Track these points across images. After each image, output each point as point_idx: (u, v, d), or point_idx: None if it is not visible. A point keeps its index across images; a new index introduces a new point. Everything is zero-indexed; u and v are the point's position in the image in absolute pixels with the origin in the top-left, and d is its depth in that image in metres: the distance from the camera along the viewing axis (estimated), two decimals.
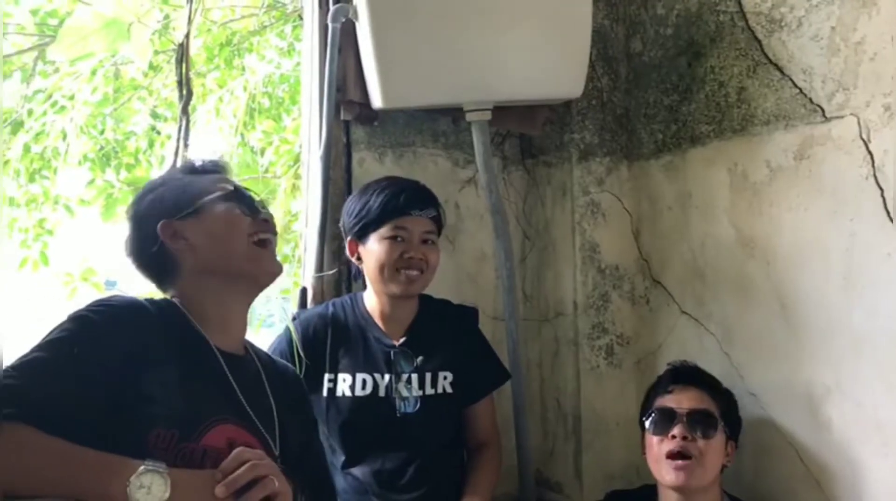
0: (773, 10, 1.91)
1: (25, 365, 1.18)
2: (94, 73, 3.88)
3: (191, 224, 1.36)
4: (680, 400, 1.85)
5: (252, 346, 1.51)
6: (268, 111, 5.22)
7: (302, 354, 1.84)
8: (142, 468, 1.11)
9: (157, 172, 5.56)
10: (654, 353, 2.26)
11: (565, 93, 2.12)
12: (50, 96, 4.09)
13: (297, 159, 3.86)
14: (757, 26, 1.96)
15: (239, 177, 4.99)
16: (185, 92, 2.06)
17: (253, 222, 1.39)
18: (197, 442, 1.24)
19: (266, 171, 4.80)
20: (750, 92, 1.98)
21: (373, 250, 1.87)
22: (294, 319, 1.93)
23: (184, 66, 2.04)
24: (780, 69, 1.90)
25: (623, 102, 2.36)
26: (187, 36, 2.02)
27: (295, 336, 1.87)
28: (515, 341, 2.16)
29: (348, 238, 1.93)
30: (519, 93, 2.08)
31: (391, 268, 1.84)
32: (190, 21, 2.04)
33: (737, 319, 2.02)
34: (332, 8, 2.06)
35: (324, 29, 2.11)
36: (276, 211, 3.97)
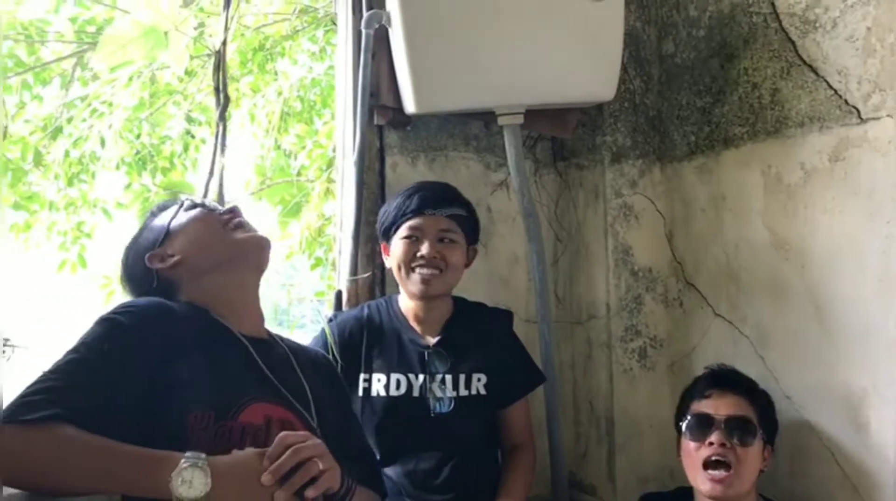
0: (807, 11, 1.90)
1: (63, 367, 1.23)
2: (131, 79, 3.95)
3: (170, 243, 1.45)
4: (718, 406, 1.82)
5: (275, 334, 1.56)
6: (300, 115, 5.28)
7: (338, 355, 1.87)
8: (182, 462, 1.13)
9: (191, 176, 5.64)
10: (688, 355, 2.26)
11: (597, 96, 2.12)
12: (89, 105, 4.17)
13: (330, 163, 3.90)
14: (791, 27, 1.95)
15: (272, 180, 5.04)
16: (221, 98, 2.09)
17: (220, 215, 1.48)
18: (234, 420, 1.28)
19: (299, 174, 4.85)
20: (784, 93, 1.97)
21: (393, 251, 1.93)
22: (330, 321, 1.96)
23: (220, 73, 2.07)
24: (814, 70, 1.89)
25: (655, 104, 2.36)
26: (224, 43, 2.05)
27: (330, 338, 1.89)
28: (548, 343, 2.16)
29: (382, 243, 1.98)
30: (551, 96, 2.09)
31: (406, 267, 1.89)
32: (226, 28, 2.08)
33: (771, 321, 2.01)
34: (365, 14, 2.08)
35: (357, 35, 2.13)
36: (310, 214, 4.03)
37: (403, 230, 1.90)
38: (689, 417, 1.86)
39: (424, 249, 1.87)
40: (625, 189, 2.31)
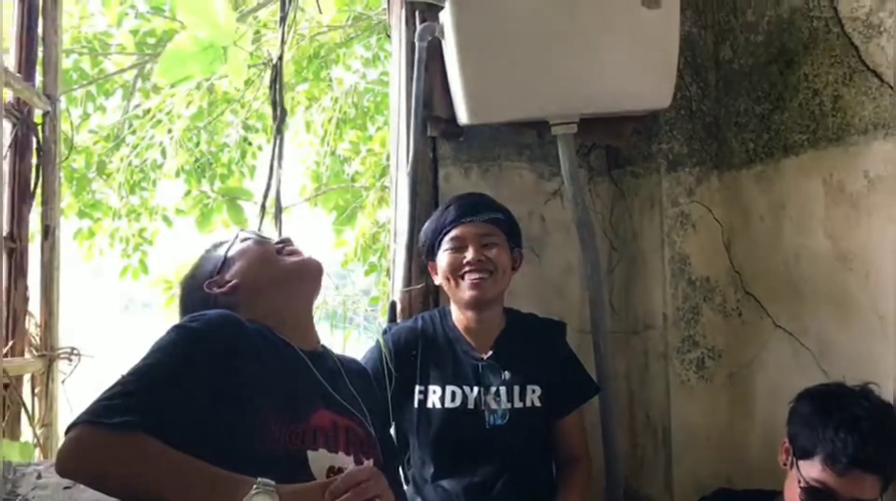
0: (870, 16, 1.85)
1: (141, 372, 1.26)
2: (190, 94, 4.05)
3: (228, 270, 1.50)
4: (848, 488, 1.60)
5: (327, 348, 1.60)
6: (353, 121, 5.33)
7: (392, 367, 1.88)
8: (254, 487, 1.15)
9: (248, 182, 5.74)
10: (747, 367, 2.22)
11: (653, 104, 2.10)
12: (153, 117, 4.28)
13: (384, 171, 3.93)
14: (854, 32, 1.90)
15: (327, 186, 5.10)
16: (278, 112, 2.12)
17: (275, 243, 1.54)
18: (307, 423, 1.32)
19: (353, 180, 4.91)
20: (846, 100, 1.92)
21: (440, 265, 1.95)
22: (385, 333, 1.97)
23: (277, 86, 2.10)
24: (878, 76, 1.83)
25: (712, 111, 2.32)
26: (280, 58, 2.08)
27: (385, 350, 1.91)
28: (603, 355, 2.14)
29: (428, 262, 2.01)
30: (606, 105, 2.07)
31: (454, 276, 1.91)
32: (283, 43, 2.11)
33: (834, 334, 1.96)
34: (418, 27, 2.09)
35: (410, 47, 2.14)
36: (364, 221, 4.07)
37: (446, 243, 1.92)
38: (806, 483, 1.65)
39: (470, 254, 1.89)
40: (681, 197, 2.28)
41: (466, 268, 1.89)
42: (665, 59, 2.05)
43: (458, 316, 1.97)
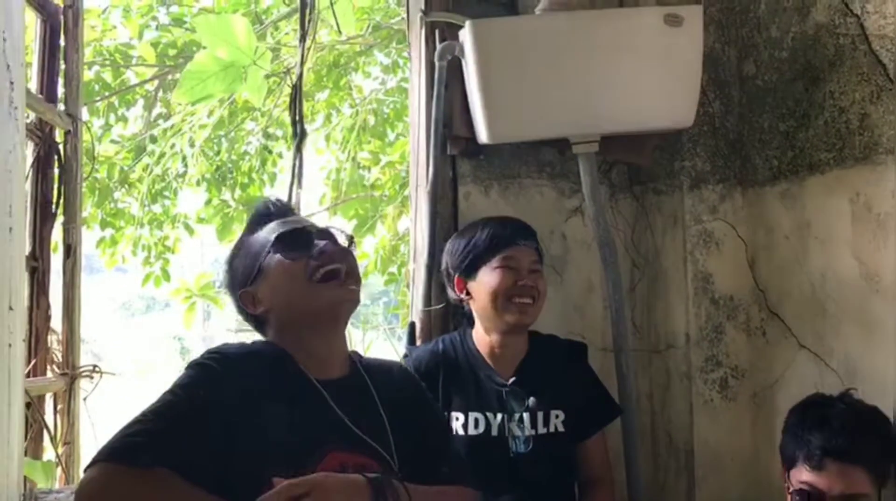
0: None
1: (162, 410, 1.26)
2: (213, 111, 4.06)
3: (260, 287, 1.45)
4: (833, 483, 1.59)
5: (358, 358, 1.54)
6: (373, 129, 5.32)
7: None
8: None
9: (269, 190, 5.76)
10: (771, 387, 2.19)
11: (675, 123, 2.07)
12: (179, 130, 4.30)
13: (403, 183, 3.93)
14: (881, 50, 1.87)
15: (347, 195, 5.10)
16: (298, 131, 2.12)
17: (308, 261, 1.42)
18: (313, 470, 1.28)
19: (373, 187, 4.90)
20: (873, 119, 1.88)
21: (485, 282, 1.88)
22: (405, 357, 1.96)
23: (297, 105, 2.10)
24: None
25: (736, 128, 2.29)
26: (300, 77, 2.08)
27: None
28: (625, 374, 2.12)
29: (455, 276, 1.94)
30: (627, 124, 2.05)
31: (504, 297, 1.85)
32: (302, 62, 2.10)
33: (861, 356, 1.93)
34: (438, 46, 2.08)
35: (430, 66, 2.13)
36: (384, 232, 4.07)
37: (498, 261, 1.87)
38: (795, 488, 1.64)
39: (524, 278, 1.86)
40: (704, 215, 2.25)
41: (518, 291, 1.86)
42: (688, 78, 2.02)
43: (482, 340, 1.94)
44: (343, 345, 1.51)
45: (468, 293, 1.93)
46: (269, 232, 1.48)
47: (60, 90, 2.28)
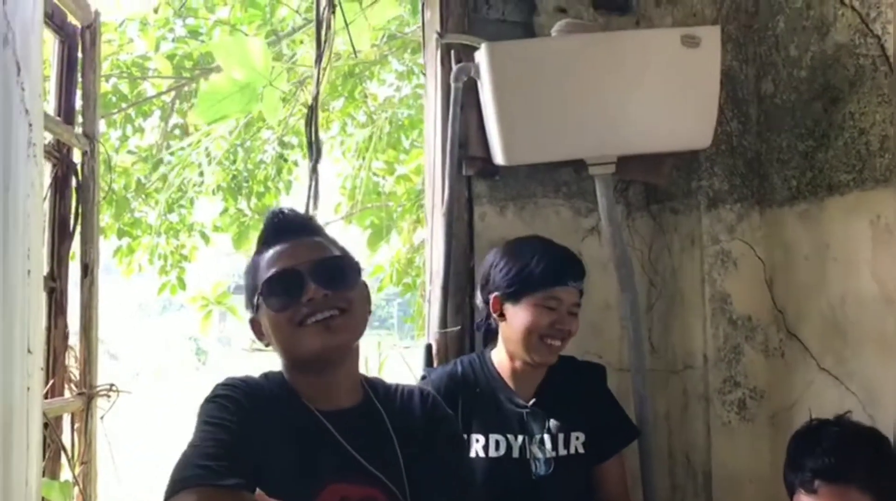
0: None
1: (213, 438, 1.27)
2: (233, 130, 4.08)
3: (261, 318, 1.42)
4: None
5: (371, 385, 1.49)
6: (388, 136, 5.32)
7: None
8: None
9: (284, 197, 5.77)
10: (790, 409, 2.17)
11: (693, 144, 2.06)
12: (199, 145, 4.31)
13: (418, 196, 3.93)
14: None
15: (362, 204, 5.09)
16: (314, 152, 2.12)
17: (297, 309, 1.35)
18: None
19: (388, 197, 4.91)
20: (894, 141, 1.86)
21: (522, 315, 1.84)
22: (423, 378, 1.96)
23: (313, 127, 2.10)
24: None
25: (754, 146, 2.27)
26: (316, 98, 2.08)
27: None
28: (643, 396, 2.11)
29: (495, 294, 1.88)
30: (644, 146, 2.04)
31: (537, 336, 1.82)
32: (318, 83, 2.10)
33: (882, 380, 1.91)
34: (454, 67, 2.08)
35: (446, 87, 2.12)
36: (399, 245, 4.07)
37: (542, 298, 1.82)
38: None
39: (563, 322, 1.83)
40: (722, 235, 2.23)
41: (551, 333, 1.83)
42: (705, 99, 2.01)
43: (503, 362, 1.92)
44: (349, 376, 1.45)
45: (502, 315, 1.90)
46: (266, 265, 1.41)
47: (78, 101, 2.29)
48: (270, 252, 1.42)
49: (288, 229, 1.46)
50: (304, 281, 1.36)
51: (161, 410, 10.14)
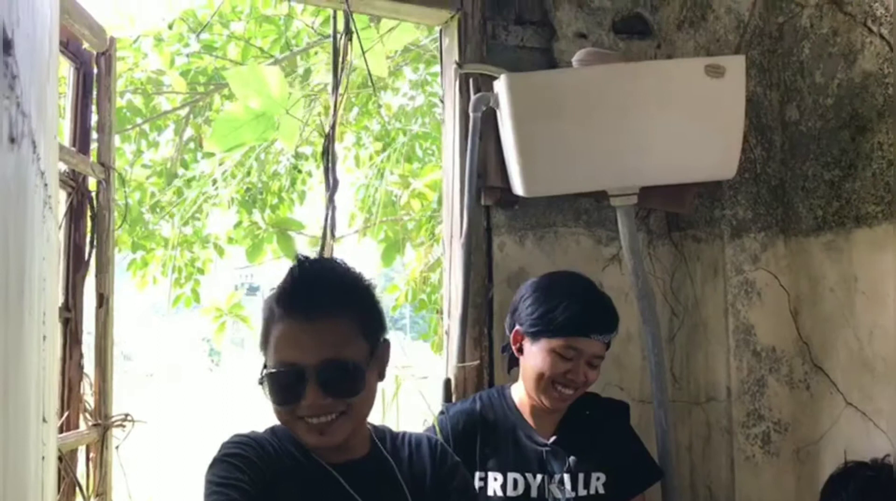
0: None
1: (233, 486, 1.26)
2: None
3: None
4: None
5: (379, 434, 1.46)
6: (403, 146, 5.30)
7: None
8: None
9: (298, 208, 5.74)
10: (816, 443, 2.12)
11: (717, 175, 2.03)
12: (218, 162, 4.30)
13: (433, 213, 3.90)
14: None
15: (379, 217, 5.05)
16: (331, 181, 2.09)
17: (297, 405, 1.31)
18: None
19: (403, 208, 4.88)
20: None
21: (538, 357, 1.79)
22: (441, 413, 1.92)
23: (330, 156, 2.07)
24: None
25: (778, 173, 2.23)
26: (333, 127, 2.05)
27: (440, 435, 1.85)
28: (665, 430, 2.07)
29: (517, 328, 1.84)
30: (667, 177, 2.00)
31: (548, 381, 1.78)
32: (335, 110, 2.07)
33: None
34: (472, 97, 2.04)
35: (464, 117, 2.09)
36: (410, 257, 4.05)
37: (560, 345, 1.76)
38: None
39: (577, 372, 1.77)
40: (746, 265, 2.19)
41: (563, 380, 1.78)
42: (730, 129, 1.97)
43: (523, 398, 1.88)
44: (357, 433, 1.40)
45: (521, 350, 1.87)
46: (274, 341, 1.32)
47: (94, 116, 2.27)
48: (281, 325, 1.33)
49: (309, 296, 1.33)
50: (306, 383, 1.28)
51: (174, 414, 10.18)
